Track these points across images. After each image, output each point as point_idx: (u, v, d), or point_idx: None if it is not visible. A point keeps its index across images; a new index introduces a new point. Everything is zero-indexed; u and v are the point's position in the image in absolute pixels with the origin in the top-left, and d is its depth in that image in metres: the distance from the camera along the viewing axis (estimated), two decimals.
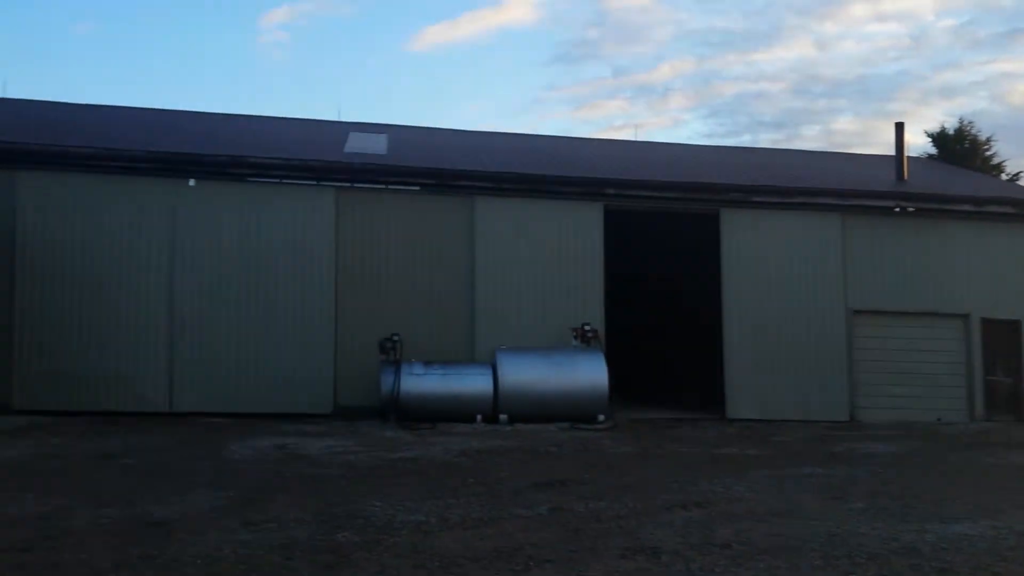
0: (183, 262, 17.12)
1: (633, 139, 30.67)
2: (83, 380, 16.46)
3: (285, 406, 16.96)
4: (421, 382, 16.20)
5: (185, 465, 11.37)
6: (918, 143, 38.75)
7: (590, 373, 16.68)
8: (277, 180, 17.70)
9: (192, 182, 17.33)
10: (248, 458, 12.09)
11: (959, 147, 35.69)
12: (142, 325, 16.83)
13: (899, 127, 22.25)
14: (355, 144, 20.31)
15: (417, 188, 18.31)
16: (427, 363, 16.62)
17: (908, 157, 22.52)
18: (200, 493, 9.48)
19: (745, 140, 74.48)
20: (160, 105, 26.30)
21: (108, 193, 17.02)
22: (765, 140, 74.95)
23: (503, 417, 16.16)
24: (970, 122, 36.63)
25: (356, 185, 18.03)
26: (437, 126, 25.95)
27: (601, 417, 16.43)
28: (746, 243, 19.22)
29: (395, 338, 16.91)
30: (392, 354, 16.78)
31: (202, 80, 79.10)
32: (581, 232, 18.69)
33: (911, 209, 19.96)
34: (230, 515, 8.46)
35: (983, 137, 36.64)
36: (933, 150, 36.11)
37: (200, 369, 16.94)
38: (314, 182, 17.82)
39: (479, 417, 16.13)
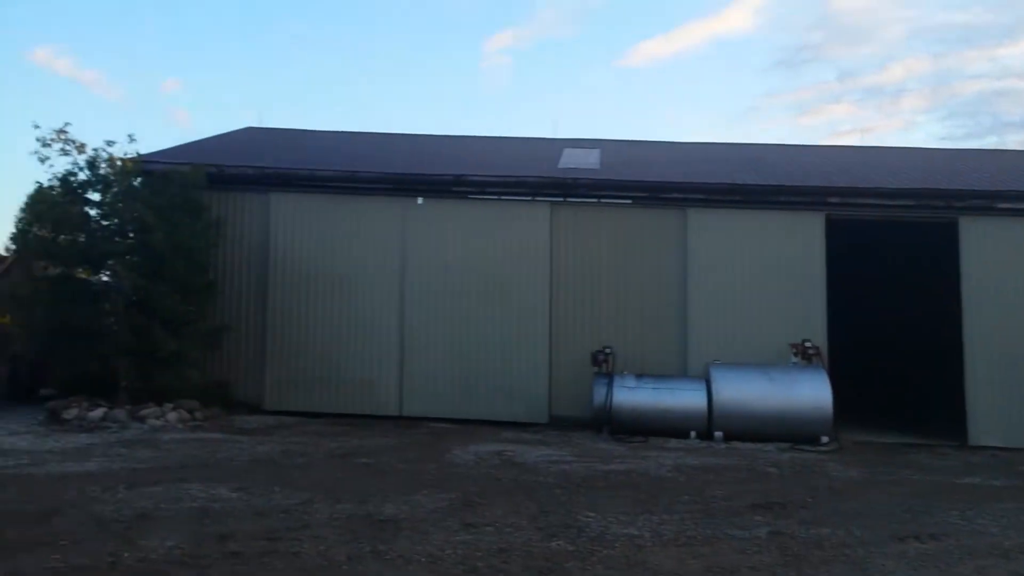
0: (412, 276, 18.20)
1: (860, 144, 28.92)
2: (325, 384, 17.93)
3: (504, 414, 17.58)
4: (633, 395, 16.19)
5: (412, 467, 12.06)
6: None
7: (812, 391, 15.92)
8: (496, 196, 18.40)
9: (420, 200, 18.40)
10: (469, 463, 12.62)
11: None
12: (376, 334, 18.05)
13: None
14: (569, 160, 20.71)
15: (629, 201, 18.36)
16: (639, 376, 16.59)
17: None
18: (424, 494, 10.03)
19: (989, 143, 68.14)
20: (394, 129, 28.17)
21: (347, 212, 18.42)
22: (1013, 142, 68.16)
23: (718, 434, 15.80)
24: None
25: (569, 199, 18.37)
26: (650, 139, 25.84)
27: (824, 439, 15.63)
28: (990, 254, 17.56)
29: (607, 350, 17.05)
30: (604, 366, 16.92)
31: (430, 104, 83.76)
32: (801, 243, 17.94)
33: None
34: (451, 516, 8.90)
35: None
36: None
37: (426, 377, 17.92)
38: (529, 197, 18.36)
39: (693, 433, 15.87)
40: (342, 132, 24.95)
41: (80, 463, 11.38)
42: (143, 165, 17.59)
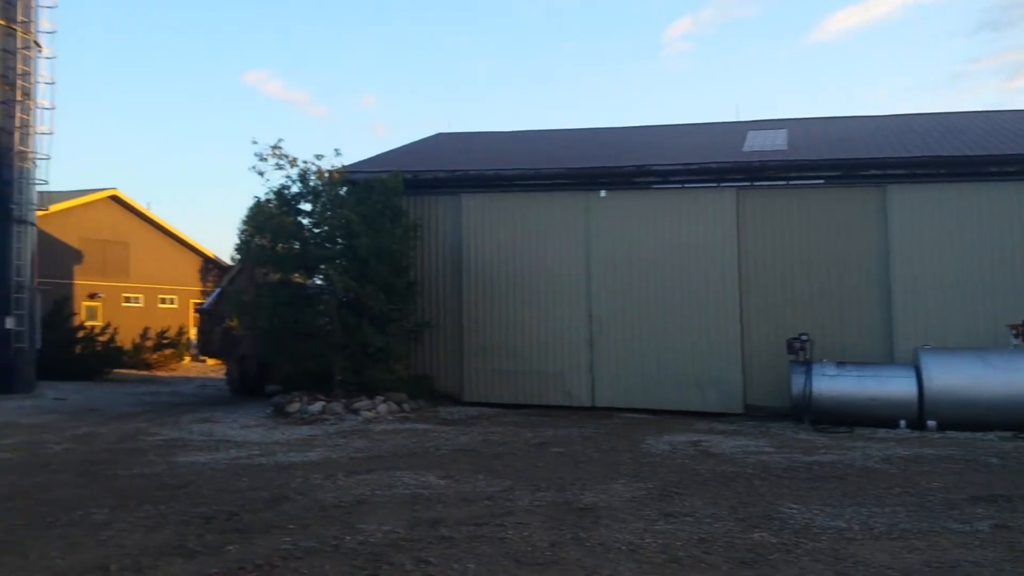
0: (597, 267, 18.38)
1: None
2: (519, 376, 18.50)
3: (696, 404, 17.42)
4: (834, 383, 15.54)
5: (607, 457, 12.24)
6: None
7: None
8: (679, 185, 18.22)
9: (603, 193, 18.55)
10: (664, 453, 12.64)
11: None
12: (566, 327, 18.39)
13: None
14: (753, 142, 20.12)
15: (821, 181, 17.61)
16: (839, 363, 15.90)
17: None
18: (621, 483, 10.17)
19: None
20: (578, 125, 28.47)
21: (533, 208, 18.87)
22: None
23: (931, 423, 14.87)
24: None
25: (756, 184, 17.87)
26: (841, 115, 24.58)
27: None
28: None
29: (803, 338, 16.45)
30: (801, 354, 16.34)
31: (612, 98, 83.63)
32: (1015, 217, 16.52)
33: None
34: (649, 505, 8.98)
35: None
36: None
37: (616, 367, 18.06)
38: (714, 184, 18.03)
39: (902, 423, 15.03)
40: (527, 131, 25.52)
41: (303, 453, 12.42)
42: (348, 175, 18.84)
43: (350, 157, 20.96)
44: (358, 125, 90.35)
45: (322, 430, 14.85)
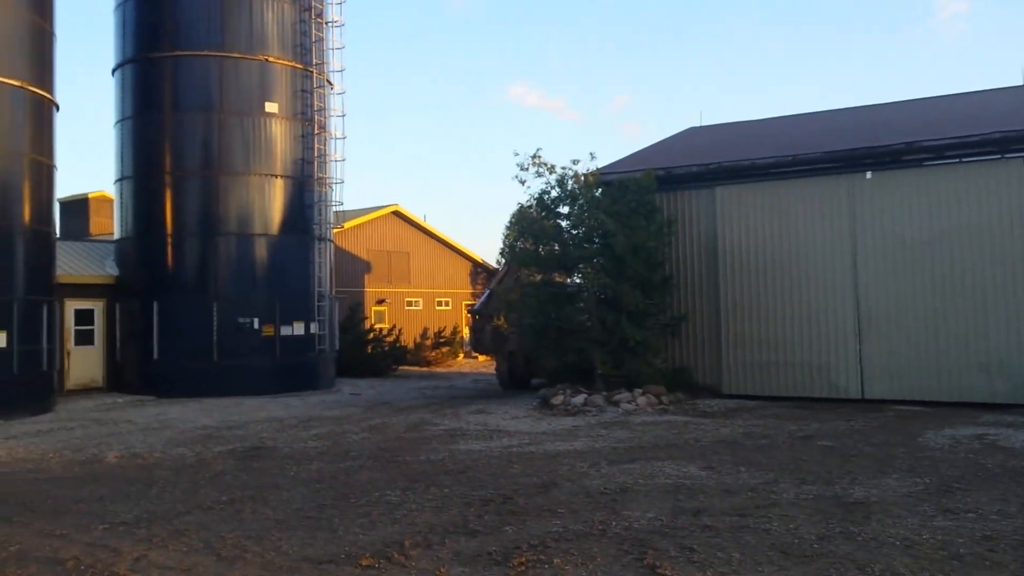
0: (864, 253, 17.44)
1: None
2: (780, 368, 18.03)
3: (982, 395, 16.02)
4: None
5: (879, 451, 11.69)
6: None
7: None
8: (955, 160, 16.82)
9: (868, 175, 17.56)
10: (944, 447, 11.85)
11: None
12: (831, 316, 17.65)
13: None
14: None
15: None
16: None
17: None
18: (895, 478, 9.73)
19: None
20: (836, 105, 27.05)
21: (792, 195, 18.28)
22: None
23: None
24: None
25: None
26: None
27: None
28: None
29: None
30: None
31: (873, 74, 77.96)
32: None
33: None
34: (926, 501, 8.55)
35: None
36: None
37: (889, 358, 17.04)
38: (997, 156, 16.43)
39: None
40: (781, 117, 24.67)
41: (568, 443, 13.07)
42: (602, 177, 19.39)
43: (604, 159, 21.52)
44: (611, 126, 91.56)
45: (585, 421, 15.47)
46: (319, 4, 24.53)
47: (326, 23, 24.95)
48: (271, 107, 23.33)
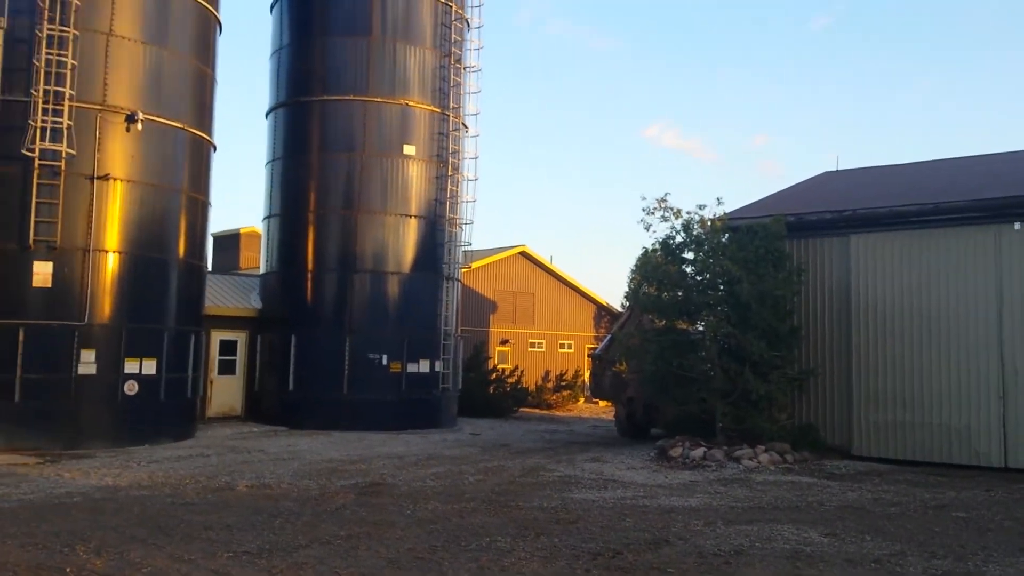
0: (1011, 309, 16.37)
1: None
2: (915, 429, 17.05)
3: None
4: None
5: (1020, 525, 10.92)
6: None
7: None
8: None
9: (1017, 225, 16.54)
10: None
11: None
12: (972, 375, 16.61)
13: None
14: None
15: None
16: None
17: None
18: None
19: None
20: (980, 150, 25.68)
21: (933, 246, 17.39)
22: None
23: None
24: None
25: None
26: None
27: None
28: None
29: None
30: None
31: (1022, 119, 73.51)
32: None
33: None
34: None
35: None
36: None
37: None
38: None
39: None
40: (923, 162, 23.62)
41: (684, 498, 12.83)
42: (729, 222, 19.10)
43: (738, 200, 21.28)
44: (749, 166, 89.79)
45: (703, 476, 15.14)
46: (458, 50, 25.46)
47: (464, 68, 25.85)
48: (409, 149, 24.31)
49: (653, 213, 19.12)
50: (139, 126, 18.45)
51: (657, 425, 21.63)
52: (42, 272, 17.22)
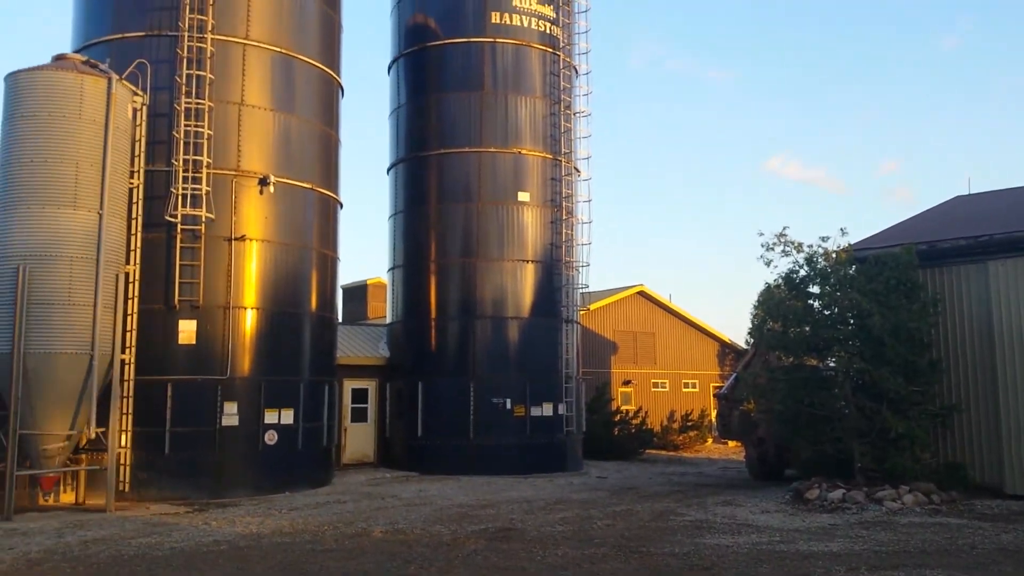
0: None
1: None
2: None
3: None
4: None
5: None
6: None
7: None
8: None
9: None
10: None
11: None
12: None
13: None
14: None
15: None
16: None
17: None
18: None
19: None
20: None
21: None
22: None
23: None
24: None
25: None
26: None
27: None
28: None
29: None
30: None
31: None
32: None
33: None
34: None
35: None
36: None
37: None
38: None
39: None
40: None
41: (824, 543, 12.34)
42: (855, 254, 18.49)
43: (867, 228, 20.73)
44: (877, 194, 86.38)
45: (842, 519, 14.52)
46: (567, 97, 25.88)
47: (574, 114, 26.22)
48: (523, 196, 24.76)
49: (773, 248, 18.73)
50: (271, 188, 19.53)
51: (790, 466, 20.91)
52: (187, 330, 18.35)
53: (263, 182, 19.44)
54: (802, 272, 18.58)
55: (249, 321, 19.04)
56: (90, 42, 19.60)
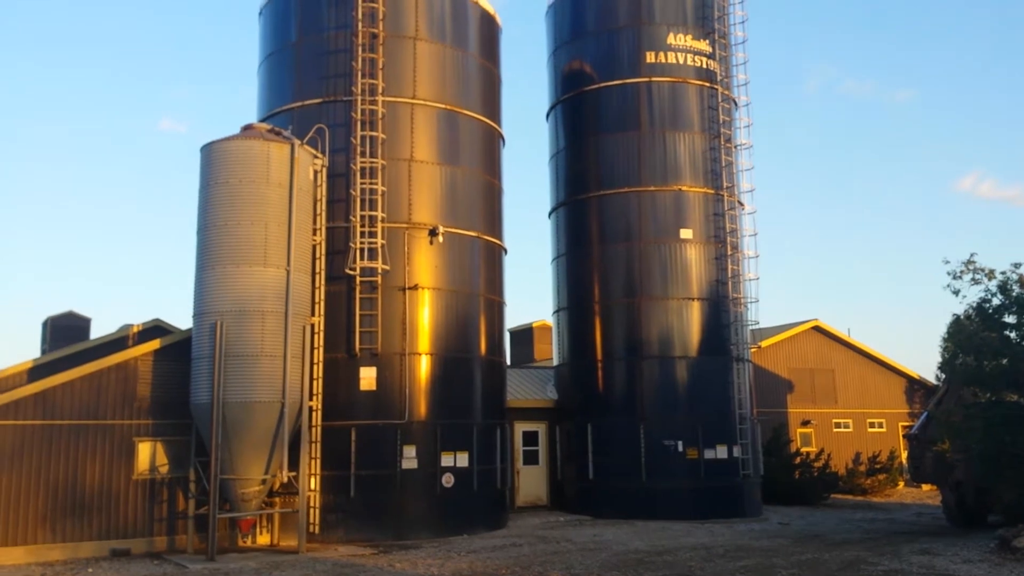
0: None
1: None
2: None
3: None
4: None
5: None
6: None
7: None
8: None
9: None
10: None
11: None
12: None
13: None
14: None
15: None
16: None
17: None
18: None
19: None
20: None
21: None
22: None
23: None
24: None
25: None
26: None
27: None
28: None
29: None
30: None
31: None
32: None
33: None
34: None
35: None
36: None
37: None
38: None
39: None
40: None
41: None
42: None
43: None
44: None
45: None
46: (727, 130, 25.46)
47: (735, 147, 25.74)
48: (686, 233, 24.45)
49: (960, 277, 17.54)
50: (440, 239, 20.29)
51: (993, 511, 19.21)
52: (367, 376, 19.24)
53: (433, 233, 20.22)
54: (995, 301, 17.28)
55: (424, 367, 19.74)
56: (273, 111, 21.24)
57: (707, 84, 25.38)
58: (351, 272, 19.33)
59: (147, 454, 17.53)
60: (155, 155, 76.55)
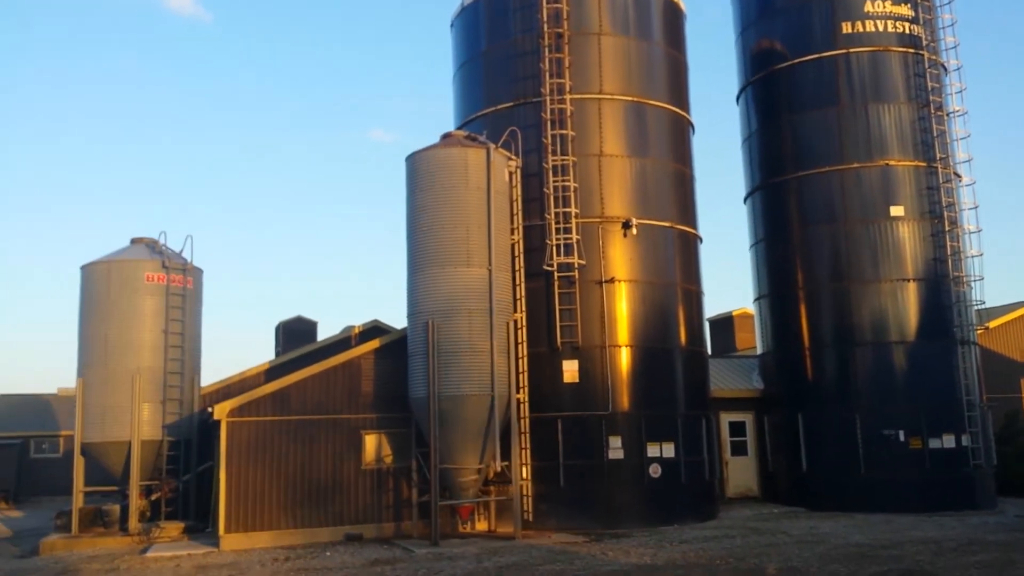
0: None
1: None
2: None
3: None
4: None
5: None
6: None
7: None
8: None
9: None
10: None
11: None
12: None
13: None
14: None
15: None
16: None
17: None
18: None
19: None
20: None
21: None
22: None
23: None
24: None
25: None
26: None
27: None
28: None
29: None
30: None
31: None
32: None
33: None
34: None
35: None
36: None
37: None
38: None
39: None
40: None
41: None
42: None
43: None
44: None
45: None
46: (937, 98, 23.74)
47: (947, 115, 23.95)
48: (896, 210, 23.06)
49: None
50: (634, 231, 20.33)
51: None
52: (570, 369, 19.64)
53: (626, 225, 20.30)
54: None
55: (624, 358, 19.87)
56: (469, 118, 22.14)
57: (911, 50, 23.81)
58: (548, 268, 19.79)
59: (373, 445, 18.85)
60: (367, 163, 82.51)
